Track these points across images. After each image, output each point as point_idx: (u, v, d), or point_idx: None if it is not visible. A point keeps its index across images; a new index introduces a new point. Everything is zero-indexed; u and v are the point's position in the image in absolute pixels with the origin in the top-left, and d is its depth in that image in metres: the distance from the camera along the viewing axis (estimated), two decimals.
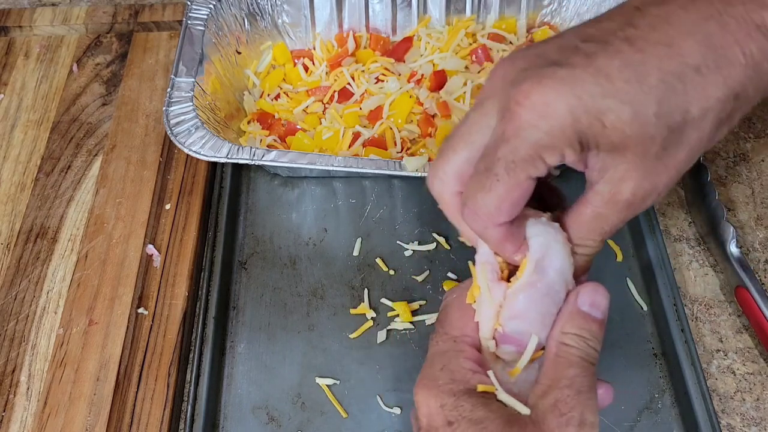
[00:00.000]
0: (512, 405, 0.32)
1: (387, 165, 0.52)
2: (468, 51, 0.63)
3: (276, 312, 0.53)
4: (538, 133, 0.29)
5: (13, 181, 0.60)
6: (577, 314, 0.33)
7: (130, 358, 0.50)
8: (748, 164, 0.60)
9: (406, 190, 0.59)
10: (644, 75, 0.28)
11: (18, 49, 0.70)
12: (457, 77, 0.60)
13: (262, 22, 0.64)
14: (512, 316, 0.33)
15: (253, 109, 0.62)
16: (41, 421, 0.47)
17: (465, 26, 0.64)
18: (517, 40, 0.64)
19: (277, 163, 0.51)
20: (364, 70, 0.62)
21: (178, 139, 0.52)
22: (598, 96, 0.28)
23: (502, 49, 0.63)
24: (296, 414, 0.48)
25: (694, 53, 0.28)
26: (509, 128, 0.29)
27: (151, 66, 0.67)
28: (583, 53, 0.29)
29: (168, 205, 0.57)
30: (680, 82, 0.28)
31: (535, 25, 0.65)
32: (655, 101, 0.28)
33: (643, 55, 0.28)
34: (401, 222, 0.57)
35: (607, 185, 0.30)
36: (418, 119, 0.59)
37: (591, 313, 0.33)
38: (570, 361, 0.32)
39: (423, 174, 0.51)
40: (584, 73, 0.28)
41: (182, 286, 0.53)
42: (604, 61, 0.28)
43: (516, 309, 0.33)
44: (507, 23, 0.65)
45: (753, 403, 0.48)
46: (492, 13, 0.65)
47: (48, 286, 0.53)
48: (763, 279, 0.53)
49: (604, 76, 0.28)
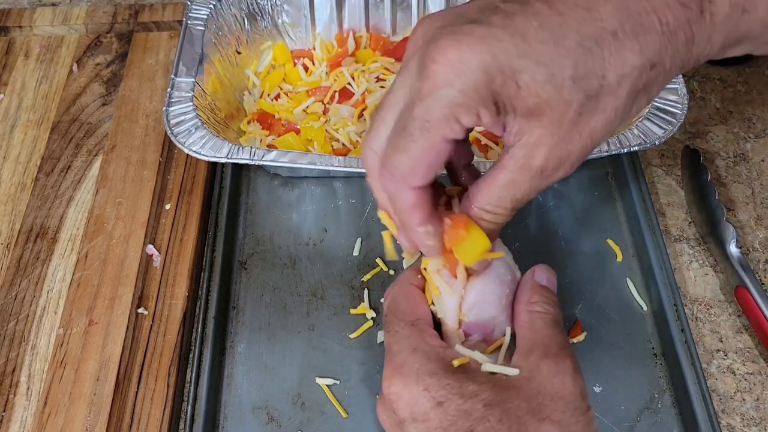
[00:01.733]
0: (500, 371, 0.33)
1: None
2: None
3: (276, 312, 0.53)
4: (453, 92, 0.28)
5: (13, 181, 0.60)
6: (538, 287, 0.36)
7: (130, 358, 0.50)
8: (748, 164, 0.60)
9: None
10: (561, 37, 0.28)
11: (18, 49, 0.70)
12: None
13: (262, 22, 0.64)
14: (472, 305, 0.36)
15: (253, 109, 0.62)
16: (41, 421, 0.47)
17: None
18: None
19: (277, 163, 0.51)
20: (364, 70, 0.62)
21: (178, 139, 0.52)
22: (513, 55, 0.27)
23: None
24: (296, 414, 0.48)
25: (611, 18, 0.28)
26: (425, 86, 0.29)
27: (151, 66, 0.67)
28: (503, 13, 0.28)
29: (168, 205, 0.57)
30: (597, 46, 0.28)
31: None
32: (572, 64, 0.28)
33: (562, 17, 0.28)
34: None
35: (522, 149, 0.30)
36: None
37: (549, 286, 0.37)
38: (545, 322, 0.35)
39: None
40: (502, 33, 0.28)
41: (182, 286, 0.53)
42: (522, 21, 0.28)
43: (474, 299, 0.36)
44: None
45: (753, 403, 0.48)
46: None
47: (48, 286, 0.53)
48: (763, 279, 0.53)
49: (521, 36, 0.27)
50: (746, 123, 0.63)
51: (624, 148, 0.50)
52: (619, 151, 0.50)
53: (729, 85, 0.65)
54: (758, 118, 0.63)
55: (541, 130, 0.29)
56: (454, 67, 0.28)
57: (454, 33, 0.28)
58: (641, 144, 0.50)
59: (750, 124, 0.62)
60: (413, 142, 0.30)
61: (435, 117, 0.29)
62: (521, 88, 0.28)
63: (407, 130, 0.30)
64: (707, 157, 0.60)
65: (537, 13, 0.28)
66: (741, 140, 0.61)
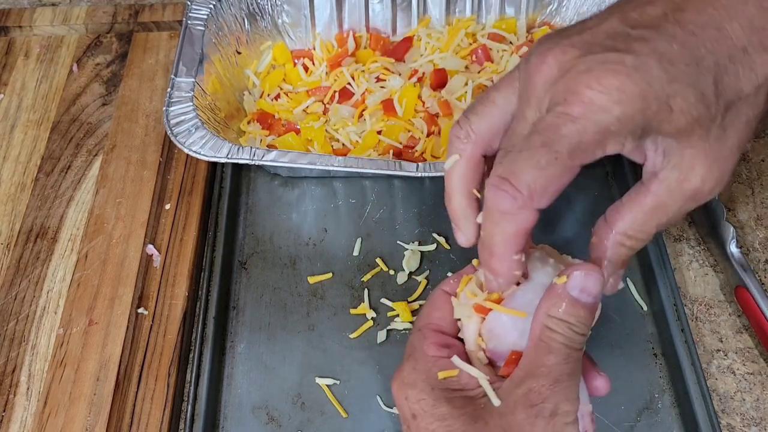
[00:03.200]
0: (488, 393, 0.32)
1: (387, 165, 0.52)
2: (468, 51, 0.63)
3: (276, 312, 0.53)
4: (609, 118, 0.28)
5: (13, 181, 0.60)
6: (564, 298, 0.31)
7: (130, 358, 0.50)
8: (748, 164, 0.60)
9: (406, 190, 0.59)
10: (701, 57, 0.28)
11: (18, 49, 0.70)
12: (459, 77, 0.60)
13: (262, 22, 0.64)
14: (490, 335, 0.34)
15: (253, 109, 0.62)
16: (41, 421, 0.47)
17: (465, 26, 0.64)
18: (517, 40, 0.64)
19: (277, 163, 0.51)
20: (364, 70, 0.62)
21: (178, 139, 0.52)
22: (665, 81, 0.28)
23: (503, 49, 0.63)
24: (296, 414, 0.48)
25: (740, 35, 0.29)
26: (576, 110, 0.28)
27: (151, 66, 0.67)
28: (642, 40, 0.29)
29: (168, 205, 0.57)
30: (731, 62, 0.29)
31: (535, 26, 0.65)
32: (713, 81, 0.29)
33: (696, 38, 0.29)
34: (401, 222, 0.57)
35: (674, 172, 0.30)
36: (422, 117, 0.59)
37: (580, 298, 0.31)
38: (551, 348, 0.31)
39: (423, 174, 0.51)
40: (650, 60, 0.28)
41: (182, 286, 0.53)
42: (663, 45, 0.28)
43: (491, 328, 0.33)
44: (507, 23, 0.65)
45: (753, 403, 0.48)
46: (492, 13, 0.65)
47: (48, 286, 0.53)
48: (763, 279, 0.53)
49: (668, 61, 0.28)
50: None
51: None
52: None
53: None
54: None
55: (692, 149, 0.29)
56: (612, 95, 0.28)
57: (605, 62, 0.28)
58: None
59: None
60: (557, 159, 0.29)
61: (587, 140, 0.29)
62: (674, 111, 0.28)
63: (551, 147, 0.29)
64: None
65: (673, 36, 0.28)
66: None
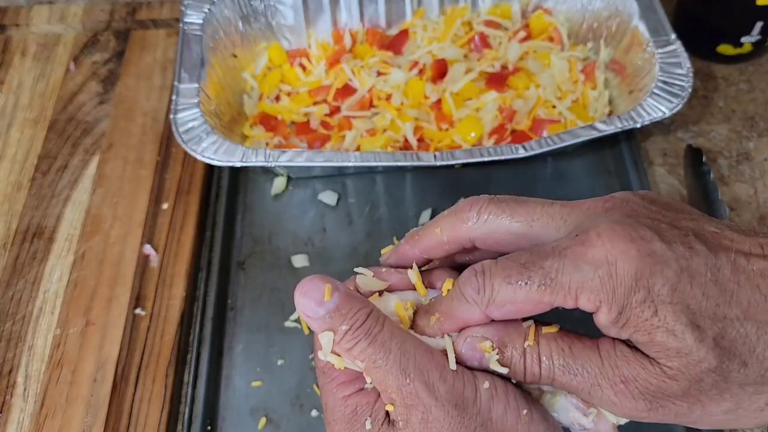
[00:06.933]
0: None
1: (404, 157, 0.52)
2: (465, 39, 0.63)
3: (274, 313, 0.52)
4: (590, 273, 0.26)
5: (10, 181, 0.59)
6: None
7: (127, 359, 0.49)
8: (751, 163, 0.59)
9: (406, 190, 0.59)
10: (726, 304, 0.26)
11: (15, 48, 0.69)
12: (459, 65, 0.60)
13: (257, 23, 0.63)
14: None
15: (254, 112, 0.61)
16: (38, 423, 0.47)
17: (460, 15, 0.64)
18: (513, 26, 0.64)
19: (293, 163, 0.51)
20: (363, 66, 0.62)
21: (190, 147, 0.51)
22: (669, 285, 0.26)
23: (500, 35, 0.63)
24: (295, 416, 0.48)
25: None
26: (570, 251, 0.27)
27: (149, 64, 0.67)
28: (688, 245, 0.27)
29: (165, 205, 0.57)
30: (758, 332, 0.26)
31: (528, 10, 0.65)
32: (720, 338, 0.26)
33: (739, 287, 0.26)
34: (402, 222, 0.57)
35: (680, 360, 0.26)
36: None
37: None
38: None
39: (441, 162, 0.51)
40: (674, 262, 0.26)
41: (180, 286, 0.53)
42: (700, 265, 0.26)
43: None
44: (501, 9, 0.65)
45: None
46: (485, 0, 0.65)
47: (45, 287, 0.53)
48: None
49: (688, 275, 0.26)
50: (749, 122, 0.62)
51: (637, 123, 0.53)
52: (632, 125, 0.52)
53: (732, 84, 0.64)
54: (761, 117, 0.62)
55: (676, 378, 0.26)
56: (610, 253, 0.26)
57: (632, 226, 0.27)
58: (652, 118, 0.52)
59: (753, 123, 0.62)
60: (525, 285, 0.27)
61: (561, 282, 0.27)
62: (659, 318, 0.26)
63: (528, 271, 0.27)
64: (710, 157, 0.59)
65: (718, 268, 0.26)
66: (744, 139, 0.61)
